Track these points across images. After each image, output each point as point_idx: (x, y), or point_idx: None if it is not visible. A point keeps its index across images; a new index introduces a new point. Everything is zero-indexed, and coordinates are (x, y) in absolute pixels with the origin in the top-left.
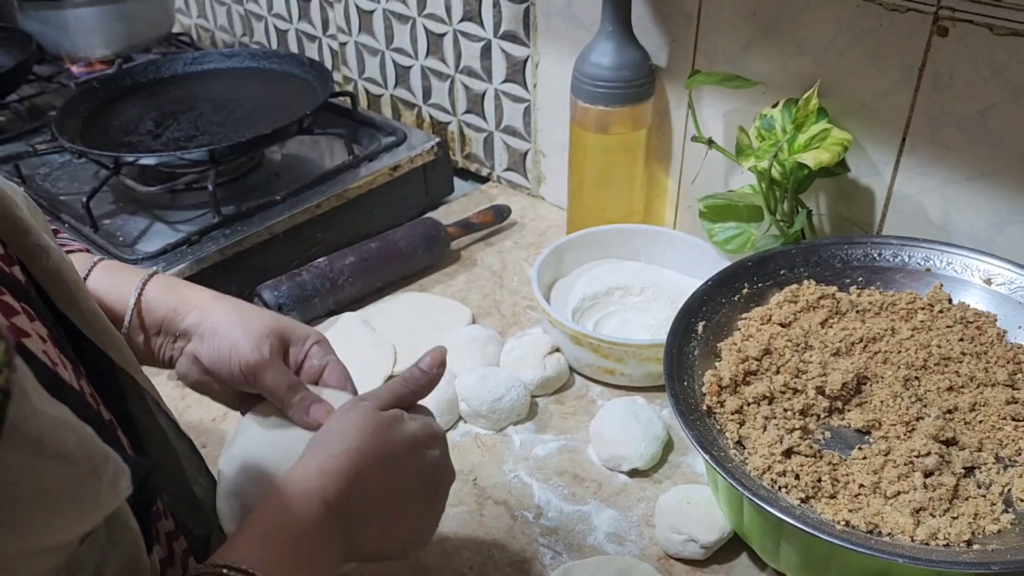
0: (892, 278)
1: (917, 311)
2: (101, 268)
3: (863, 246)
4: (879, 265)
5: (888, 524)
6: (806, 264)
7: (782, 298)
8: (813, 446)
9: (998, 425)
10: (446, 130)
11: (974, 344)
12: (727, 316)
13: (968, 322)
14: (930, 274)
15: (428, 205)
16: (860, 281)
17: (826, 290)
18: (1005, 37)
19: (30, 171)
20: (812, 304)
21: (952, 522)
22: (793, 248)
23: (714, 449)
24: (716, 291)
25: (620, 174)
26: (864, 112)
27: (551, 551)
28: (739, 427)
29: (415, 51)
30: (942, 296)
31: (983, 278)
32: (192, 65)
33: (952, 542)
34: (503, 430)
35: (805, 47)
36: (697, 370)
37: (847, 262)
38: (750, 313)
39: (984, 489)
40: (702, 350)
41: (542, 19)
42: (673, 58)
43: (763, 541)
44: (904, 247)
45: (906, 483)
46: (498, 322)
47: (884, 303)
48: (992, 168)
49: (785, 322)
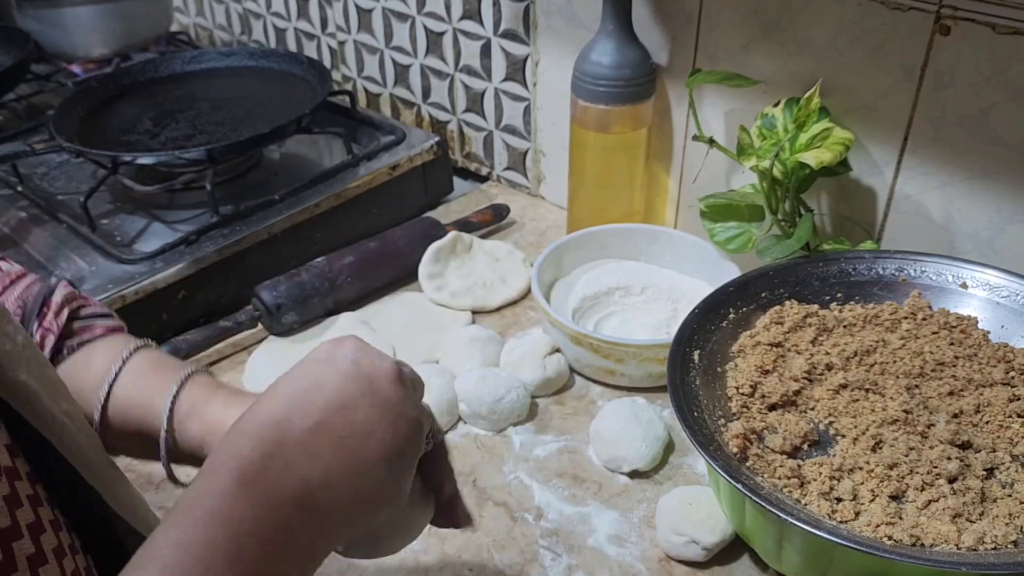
0: (870, 291)
1: (901, 320)
2: (134, 371)
3: (837, 262)
4: (855, 280)
5: (931, 535)
6: (785, 284)
7: (768, 320)
8: (824, 457)
9: (1005, 424)
10: (445, 129)
11: (963, 347)
12: (719, 344)
13: (952, 326)
14: (906, 284)
15: (427, 204)
16: (839, 297)
17: (809, 309)
18: (1007, 36)
19: (28, 170)
20: (799, 324)
21: (992, 524)
22: (771, 270)
23: (715, 450)
24: (704, 319)
25: (620, 173)
26: (866, 111)
27: (551, 553)
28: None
29: (414, 50)
30: (922, 304)
31: (959, 283)
32: (190, 64)
33: (1000, 544)
34: (503, 431)
35: (806, 46)
36: (703, 399)
37: (824, 279)
38: (739, 340)
39: (1009, 488)
40: (703, 379)
41: (542, 17)
42: (674, 57)
43: (765, 542)
44: (877, 259)
45: (934, 491)
46: (498, 322)
47: (867, 316)
48: (994, 167)
49: (775, 342)
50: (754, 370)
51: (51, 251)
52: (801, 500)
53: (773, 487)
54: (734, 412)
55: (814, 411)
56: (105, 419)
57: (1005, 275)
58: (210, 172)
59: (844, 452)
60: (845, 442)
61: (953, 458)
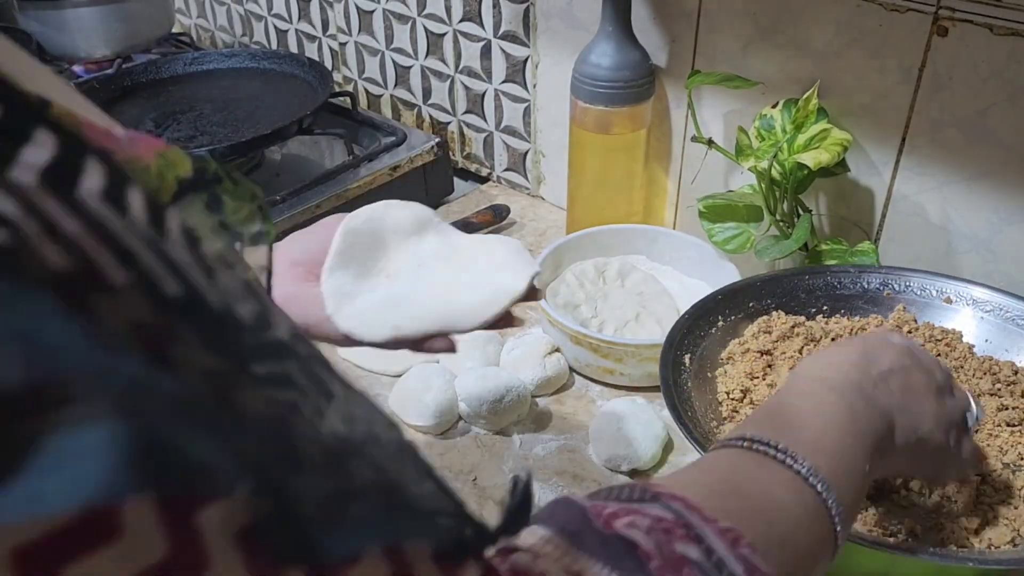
0: (855, 304)
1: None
2: None
3: (823, 275)
4: (840, 293)
5: (955, 536)
6: (772, 295)
7: (756, 329)
8: None
9: (994, 433)
10: (446, 130)
11: (949, 360)
12: (708, 349)
13: (937, 340)
14: (891, 298)
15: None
16: (825, 310)
17: (796, 319)
18: (1005, 37)
19: None
20: (786, 333)
21: (991, 526)
22: (759, 281)
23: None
24: (694, 325)
25: (620, 174)
26: (864, 112)
27: None
28: None
29: (415, 51)
30: (907, 317)
31: (943, 297)
32: (192, 65)
33: (995, 546)
34: (503, 430)
35: (805, 47)
36: (695, 401)
37: (811, 292)
38: (728, 347)
39: (1003, 494)
40: (694, 381)
41: (542, 19)
42: (673, 58)
43: None
44: (862, 274)
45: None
46: None
47: (854, 328)
48: (992, 168)
49: (764, 349)
50: (744, 376)
51: None
52: None
53: None
54: (724, 416)
55: None
56: None
57: (989, 290)
58: None
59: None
60: None
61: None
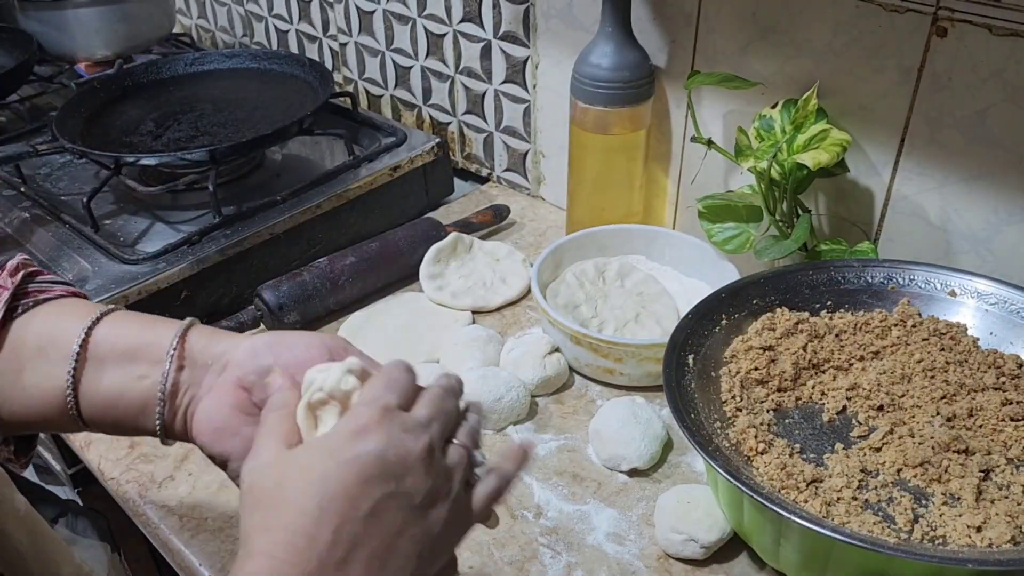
0: (859, 299)
1: (891, 328)
2: (113, 320)
3: (826, 270)
4: (844, 288)
5: (956, 534)
6: (776, 292)
7: (760, 326)
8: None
9: (998, 427)
10: (446, 130)
11: (953, 353)
12: (712, 349)
13: (941, 333)
14: (895, 292)
15: (428, 205)
16: (829, 305)
17: (800, 316)
18: (1004, 38)
19: (31, 171)
20: (790, 330)
21: (989, 523)
22: (762, 278)
23: (713, 449)
24: (697, 324)
25: (619, 175)
26: (863, 113)
27: (551, 550)
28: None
29: (415, 52)
30: (912, 311)
31: (947, 291)
32: (193, 66)
33: (995, 543)
34: (503, 430)
35: (804, 48)
36: (698, 402)
37: (814, 287)
38: (732, 345)
39: (1005, 490)
40: (698, 382)
41: (542, 20)
42: (672, 59)
43: (763, 540)
44: (866, 268)
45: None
46: (498, 322)
47: (858, 323)
48: (991, 168)
49: (767, 346)
50: (747, 374)
51: (54, 252)
52: (798, 500)
53: (772, 488)
54: (729, 416)
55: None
56: (83, 356)
57: (993, 283)
58: (212, 173)
59: (841, 458)
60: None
61: (954, 463)
